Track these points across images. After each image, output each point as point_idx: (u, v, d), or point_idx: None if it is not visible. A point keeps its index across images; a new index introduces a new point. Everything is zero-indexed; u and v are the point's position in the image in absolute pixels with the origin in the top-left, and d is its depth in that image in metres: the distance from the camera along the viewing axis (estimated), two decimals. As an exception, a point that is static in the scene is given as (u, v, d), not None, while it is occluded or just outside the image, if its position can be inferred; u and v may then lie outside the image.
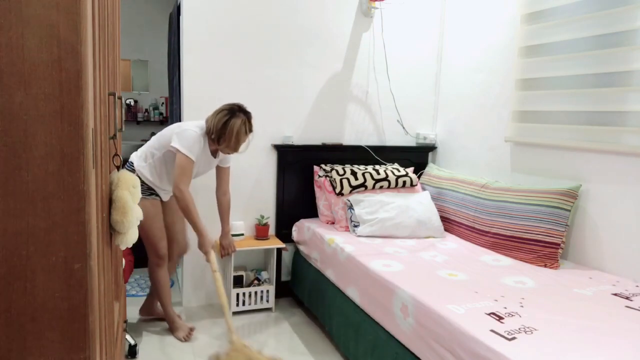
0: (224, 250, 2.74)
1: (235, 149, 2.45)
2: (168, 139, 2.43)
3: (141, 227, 2.49)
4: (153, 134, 4.09)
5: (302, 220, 3.18)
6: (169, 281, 2.66)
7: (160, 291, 2.64)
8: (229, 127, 2.38)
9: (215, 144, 2.45)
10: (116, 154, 1.54)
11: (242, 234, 3.05)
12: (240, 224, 3.05)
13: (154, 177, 2.50)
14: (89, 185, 0.92)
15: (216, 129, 2.39)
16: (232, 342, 2.28)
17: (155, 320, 2.86)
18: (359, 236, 2.79)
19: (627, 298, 1.93)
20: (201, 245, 2.47)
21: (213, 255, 2.46)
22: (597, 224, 2.37)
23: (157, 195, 2.55)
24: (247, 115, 2.45)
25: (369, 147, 3.36)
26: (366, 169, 3.12)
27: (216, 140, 2.42)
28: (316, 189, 3.19)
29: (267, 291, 3.05)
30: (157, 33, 4.06)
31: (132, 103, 4.03)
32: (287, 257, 3.30)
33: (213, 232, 3.04)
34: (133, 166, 2.50)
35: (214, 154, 2.56)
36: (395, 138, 3.52)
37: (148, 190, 2.51)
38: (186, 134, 2.37)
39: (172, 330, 2.69)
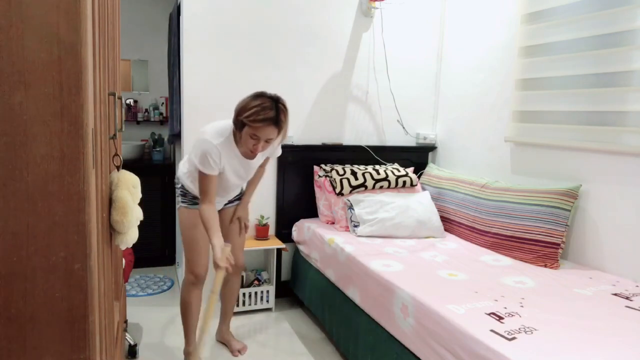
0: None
1: (251, 147, 2.00)
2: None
3: (183, 239, 2.27)
4: (153, 134, 4.09)
5: (302, 220, 3.18)
6: (199, 305, 2.36)
7: (186, 315, 2.32)
8: (257, 108, 1.93)
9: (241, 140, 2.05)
10: (116, 154, 1.54)
11: (242, 234, 3.05)
12: (240, 224, 3.05)
13: (194, 185, 2.21)
14: (89, 185, 0.92)
15: (246, 115, 1.94)
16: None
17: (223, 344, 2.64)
18: (359, 236, 2.79)
19: (627, 298, 1.93)
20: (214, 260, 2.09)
21: (221, 275, 2.04)
22: (597, 224, 2.37)
23: None
24: (277, 103, 1.97)
25: (369, 147, 3.36)
26: (366, 169, 3.12)
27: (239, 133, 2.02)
28: (316, 189, 3.19)
29: (267, 291, 3.05)
30: (157, 33, 4.05)
31: (132, 103, 4.03)
32: (287, 257, 3.30)
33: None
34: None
35: (248, 155, 2.16)
36: (395, 138, 3.52)
37: (192, 200, 2.25)
38: (198, 145, 2.02)
39: (185, 357, 2.39)
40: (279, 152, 2.39)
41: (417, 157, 3.55)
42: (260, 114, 1.93)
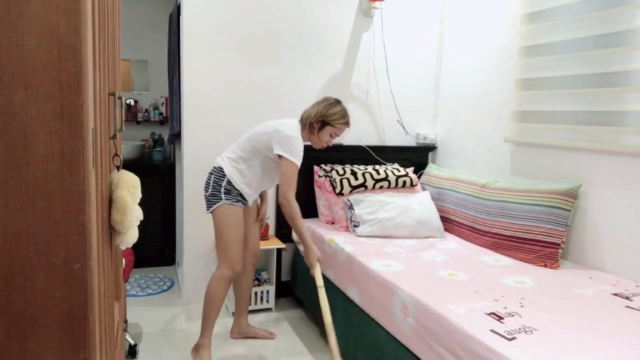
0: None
1: (327, 142, 2.45)
2: (265, 144, 2.31)
3: (220, 237, 2.35)
4: (153, 134, 4.09)
5: (302, 220, 3.18)
6: (224, 300, 2.45)
7: (212, 308, 2.38)
8: (341, 113, 2.37)
9: (317, 136, 2.41)
10: (116, 154, 1.54)
11: (242, 234, 3.05)
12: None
13: (244, 183, 2.38)
14: (89, 185, 0.92)
15: (332, 118, 2.36)
16: None
17: (248, 338, 2.69)
18: (359, 236, 2.79)
19: (627, 298, 1.93)
20: (306, 257, 2.32)
21: (318, 269, 2.29)
22: (597, 224, 2.37)
23: (245, 201, 2.42)
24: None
25: (369, 147, 3.36)
26: (366, 169, 3.12)
27: (321, 132, 2.40)
28: (316, 189, 3.19)
29: (267, 291, 3.05)
30: (157, 33, 4.05)
31: (132, 103, 4.03)
32: (287, 257, 3.30)
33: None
34: (223, 171, 2.36)
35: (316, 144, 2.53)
36: (395, 138, 3.52)
37: (236, 197, 2.37)
38: (291, 140, 2.27)
39: (196, 349, 2.39)
40: None
41: (417, 157, 3.55)
42: (345, 117, 2.40)
